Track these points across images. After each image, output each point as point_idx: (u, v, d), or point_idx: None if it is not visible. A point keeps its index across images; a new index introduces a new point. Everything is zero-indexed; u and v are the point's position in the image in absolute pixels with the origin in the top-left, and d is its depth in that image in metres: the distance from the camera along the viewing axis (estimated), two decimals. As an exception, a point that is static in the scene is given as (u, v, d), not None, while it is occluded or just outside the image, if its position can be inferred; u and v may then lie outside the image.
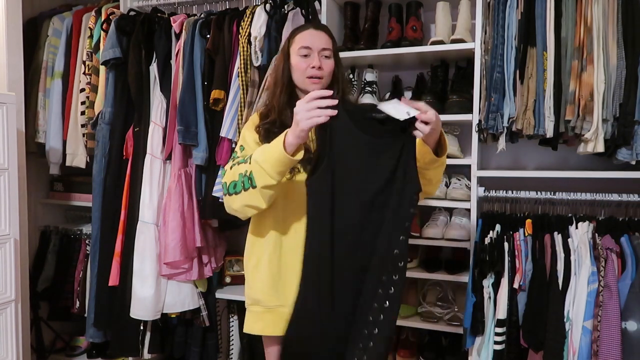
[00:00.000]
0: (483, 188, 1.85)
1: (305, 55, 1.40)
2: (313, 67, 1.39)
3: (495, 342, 1.69)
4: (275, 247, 1.40)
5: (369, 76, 2.08)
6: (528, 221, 1.75)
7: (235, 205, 1.32)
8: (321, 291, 1.20)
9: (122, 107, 2.09)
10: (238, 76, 1.90)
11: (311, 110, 1.16)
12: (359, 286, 1.20)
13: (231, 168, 1.33)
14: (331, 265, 1.19)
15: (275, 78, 1.47)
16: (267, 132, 1.37)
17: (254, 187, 1.25)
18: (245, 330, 1.45)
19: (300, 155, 1.23)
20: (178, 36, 2.03)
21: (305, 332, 1.24)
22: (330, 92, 1.18)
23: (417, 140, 1.23)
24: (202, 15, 2.03)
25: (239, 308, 2.32)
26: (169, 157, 2.01)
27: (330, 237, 1.19)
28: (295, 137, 1.19)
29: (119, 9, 2.22)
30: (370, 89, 2.05)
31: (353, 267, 1.20)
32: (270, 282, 1.40)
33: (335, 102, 1.16)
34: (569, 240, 1.64)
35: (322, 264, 1.19)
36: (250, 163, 1.26)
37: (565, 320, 1.58)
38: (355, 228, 1.19)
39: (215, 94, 1.91)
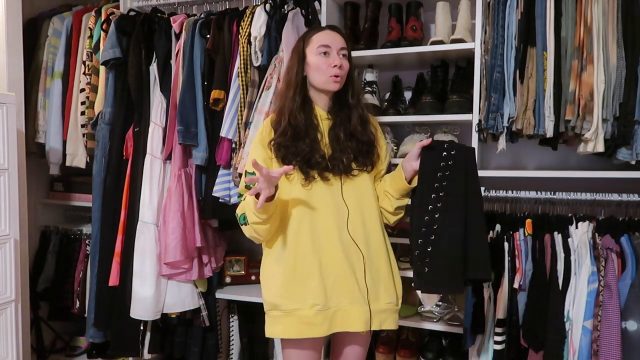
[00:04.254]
0: (483, 188, 1.85)
1: (325, 53, 1.40)
2: (335, 66, 1.39)
3: (495, 342, 1.69)
4: (290, 252, 1.43)
5: (369, 76, 2.07)
6: (528, 221, 1.74)
7: (245, 234, 1.49)
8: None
9: (122, 107, 2.09)
10: (238, 76, 1.90)
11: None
12: None
13: (241, 196, 1.53)
14: None
15: (287, 81, 1.48)
16: (279, 147, 1.44)
17: (247, 224, 1.42)
18: (267, 334, 1.47)
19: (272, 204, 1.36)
20: (178, 36, 2.03)
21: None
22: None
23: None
24: (202, 15, 2.03)
25: (239, 308, 2.32)
26: (169, 157, 2.00)
27: None
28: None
29: (119, 9, 2.22)
30: (370, 89, 2.04)
31: None
32: (287, 286, 1.42)
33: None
34: (569, 240, 1.64)
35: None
36: (245, 200, 1.42)
37: (565, 320, 1.58)
38: None
39: (215, 94, 1.91)
